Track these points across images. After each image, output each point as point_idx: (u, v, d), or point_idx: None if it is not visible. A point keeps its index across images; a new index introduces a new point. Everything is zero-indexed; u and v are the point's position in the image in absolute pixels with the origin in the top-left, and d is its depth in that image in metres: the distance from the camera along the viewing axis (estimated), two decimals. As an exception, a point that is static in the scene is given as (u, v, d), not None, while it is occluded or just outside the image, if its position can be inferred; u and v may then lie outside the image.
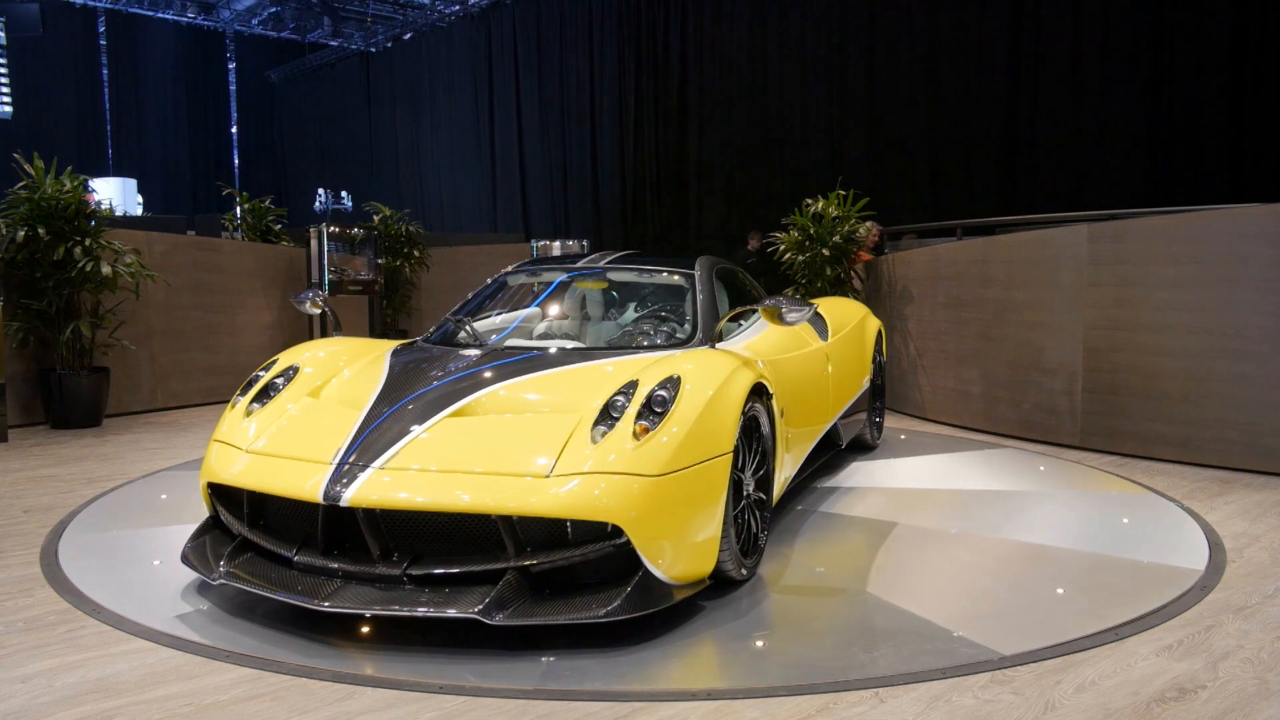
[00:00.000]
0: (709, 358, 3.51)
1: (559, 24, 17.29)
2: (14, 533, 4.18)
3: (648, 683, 2.70)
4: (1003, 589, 3.44)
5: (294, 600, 2.98)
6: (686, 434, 3.07)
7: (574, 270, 4.84)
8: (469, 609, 2.83)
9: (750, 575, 3.49)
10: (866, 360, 5.67)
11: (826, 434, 4.98)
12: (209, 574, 3.22)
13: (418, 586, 2.98)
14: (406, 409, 3.40)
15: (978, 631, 3.01)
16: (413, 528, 3.05)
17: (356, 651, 2.89)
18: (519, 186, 18.60)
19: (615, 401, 3.20)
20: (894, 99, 12.00)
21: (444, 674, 2.72)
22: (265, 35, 23.94)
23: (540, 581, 2.99)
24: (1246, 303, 5.20)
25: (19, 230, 6.56)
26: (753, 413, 3.53)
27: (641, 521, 2.91)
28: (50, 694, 2.62)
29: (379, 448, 3.17)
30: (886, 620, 3.14)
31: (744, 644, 2.97)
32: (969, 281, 6.77)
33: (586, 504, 2.88)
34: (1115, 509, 4.63)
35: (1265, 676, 2.73)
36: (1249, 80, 8.98)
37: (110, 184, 19.26)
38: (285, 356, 4.00)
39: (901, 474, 5.36)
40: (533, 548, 2.97)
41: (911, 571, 3.65)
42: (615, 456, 2.98)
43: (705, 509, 3.11)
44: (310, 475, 3.12)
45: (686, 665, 2.84)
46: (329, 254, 8.68)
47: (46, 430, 6.77)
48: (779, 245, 8.22)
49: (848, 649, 2.89)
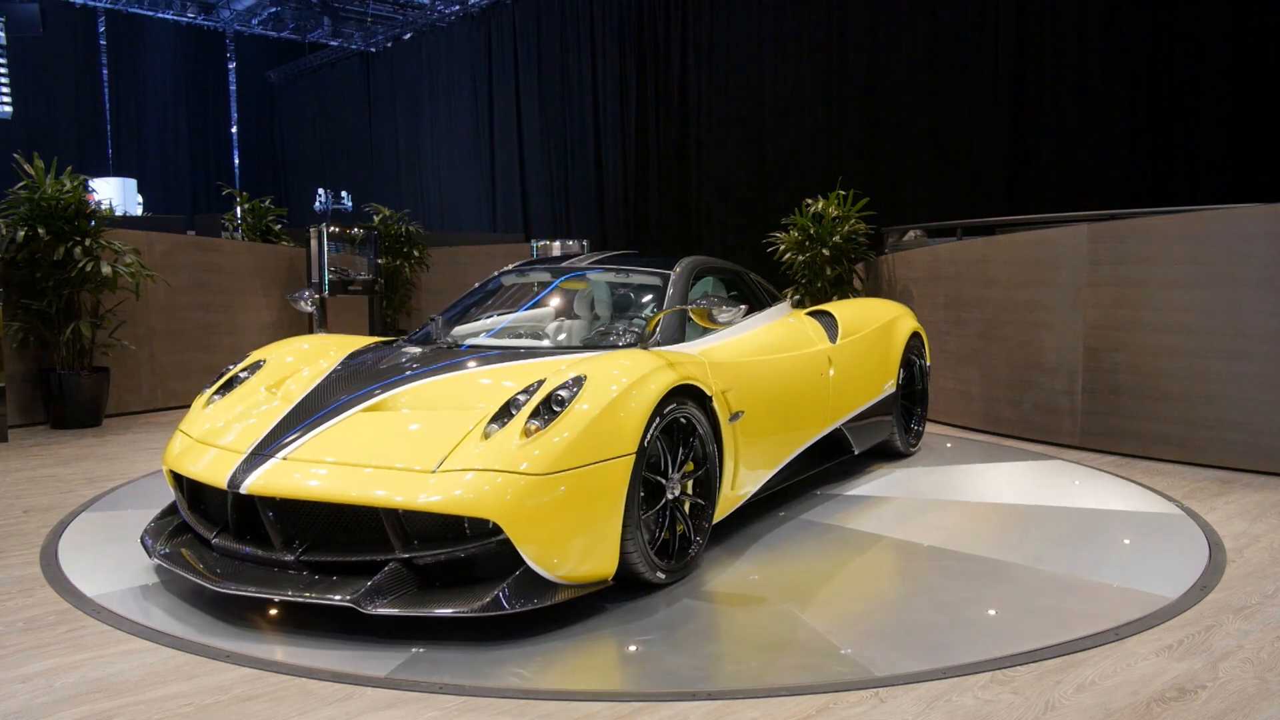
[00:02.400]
0: (625, 358, 3.46)
1: (559, 24, 17.29)
2: (14, 533, 4.18)
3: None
4: (932, 607, 3.26)
5: (196, 579, 3.17)
6: (579, 434, 3.07)
7: (560, 271, 4.88)
8: (345, 597, 2.94)
9: (673, 579, 3.46)
10: (891, 363, 5.47)
11: (834, 439, 4.90)
12: (150, 552, 3.47)
13: (313, 573, 3.09)
14: (329, 404, 3.57)
15: (863, 652, 2.87)
16: (311, 517, 3.16)
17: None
18: (519, 186, 18.59)
19: (517, 400, 3.25)
20: (894, 99, 12.00)
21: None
22: (265, 35, 23.92)
23: (430, 574, 3.05)
24: (1246, 303, 5.20)
25: (19, 230, 6.56)
26: (677, 415, 3.46)
27: (520, 519, 2.93)
28: (50, 694, 2.62)
29: (288, 439, 3.35)
30: (780, 632, 3.07)
31: (615, 646, 2.97)
32: (969, 281, 6.77)
33: (463, 500, 2.94)
34: (1117, 524, 4.62)
35: (1265, 676, 2.73)
36: (1249, 80, 8.98)
37: (110, 184, 19.24)
38: (259, 351, 4.23)
39: (924, 484, 5.10)
40: (420, 541, 3.04)
41: (848, 586, 3.54)
42: (501, 454, 3.03)
43: (599, 509, 3.10)
44: (224, 463, 3.32)
45: (543, 663, 2.82)
46: (329, 254, 8.68)
47: (46, 430, 6.77)
48: (779, 245, 8.22)
49: (718, 661, 2.84)
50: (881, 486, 5.02)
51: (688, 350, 3.93)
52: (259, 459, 3.27)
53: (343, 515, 3.12)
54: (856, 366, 5.09)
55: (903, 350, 5.58)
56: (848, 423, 4.98)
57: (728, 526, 4.15)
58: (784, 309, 5.15)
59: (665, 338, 4.05)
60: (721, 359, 3.97)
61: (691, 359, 3.75)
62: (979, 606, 3.29)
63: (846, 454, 5.10)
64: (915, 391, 5.86)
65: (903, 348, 5.58)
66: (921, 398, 5.92)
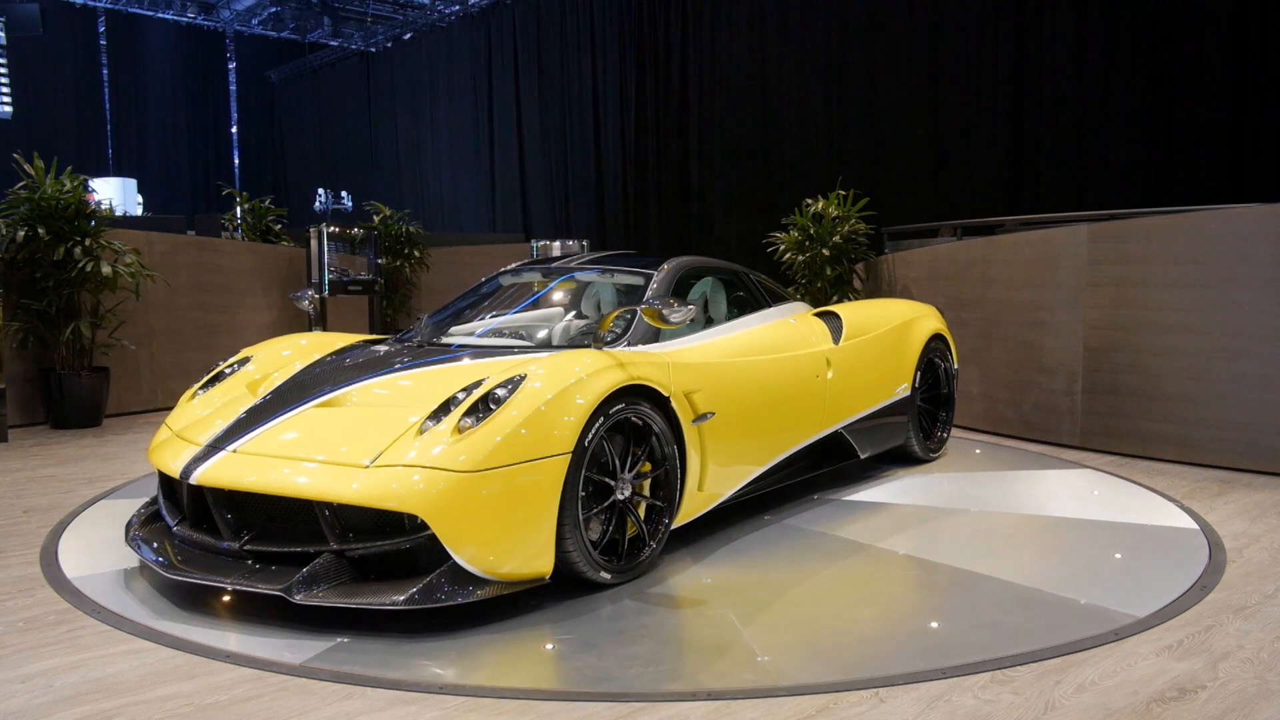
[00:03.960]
0: (571, 359, 3.47)
1: (559, 24, 17.29)
2: (14, 533, 4.18)
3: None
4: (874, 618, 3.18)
5: (154, 564, 3.33)
6: (510, 433, 3.10)
7: (551, 271, 4.92)
8: (276, 586, 3.02)
9: (622, 579, 3.46)
10: (905, 366, 5.33)
11: (835, 442, 4.85)
12: (126, 536, 3.64)
13: (256, 562, 3.21)
14: (289, 400, 3.70)
15: (778, 662, 2.82)
16: (257, 508, 3.28)
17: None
18: (519, 186, 18.58)
19: (456, 398, 3.30)
20: (894, 99, 11.99)
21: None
22: (265, 35, 23.92)
23: (368, 566, 3.12)
24: (1246, 303, 5.20)
25: (19, 230, 6.56)
26: (627, 415, 3.46)
27: (446, 514, 2.98)
28: (50, 694, 2.62)
29: (242, 433, 3.49)
30: (705, 636, 3.05)
31: (531, 643, 3.00)
32: (969, 281, 6.77)
33: (390, 494, 3.00)
34: (1113, 534, 4.61)
35: (1265, 676, 2.73)
36: (1249, 80, 8.98)
37: (110, 184, 19.22)
38: (250, 349, 4.36)
39: (933, 491, 4.93)
40: (355, 534, 3.13)
41: (801, 595, 3.42)
42: (432, 451, 3.08)
43: (530, 508, 3.12)
44: (185, 454, 3.48)
45: (457, 657, 2.86)
46: (329, 254, 8.68)
47: (46, 430, 6.77)
48: (779, 245, 8.22)
49: (627, 662, 2.82)
50: (887, 492, 4.91)
51: (659, 351, 3.92)
52: (213, 452, 3.43)
53: (284, 507, 3.22)
54: (862, 368, 5.00)
55: (920, 352, 5.42)
56: (850, 425, 4.90)
57: (702, 528, 4.12)
58: (789, 309, 5.09)
59: (637, 338, 4.02)
60: (692, 360, 3.93)
61: (651, 359, 3.73)
62: (922, 618, 3.22)
63: (851, 458, 5.01)
64: (940, 395, 5.72)
65: (920, 350, 5.43)
66: (947, 402, 5.76)
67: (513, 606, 3.24)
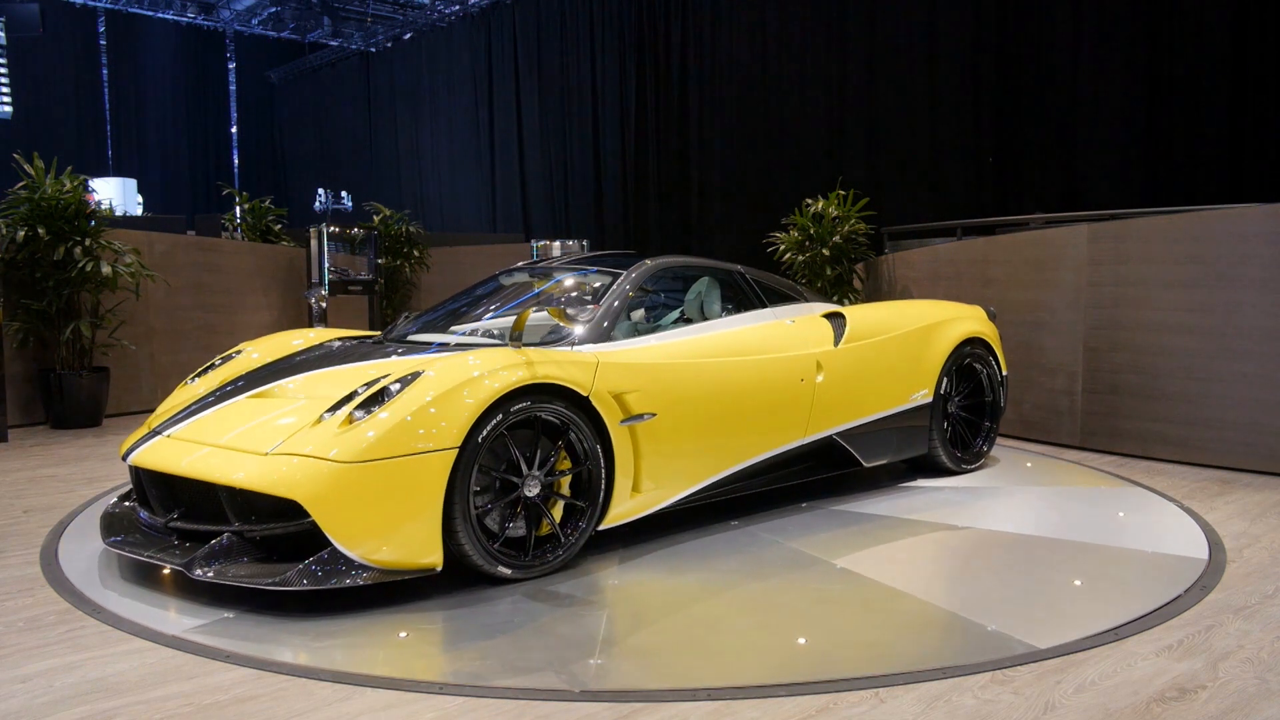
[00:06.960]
0: (476, 356, 3.52)
1: (559, 24, 17.29)
2: (14, 533, 4.18)
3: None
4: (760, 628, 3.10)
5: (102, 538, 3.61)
6: (393, 426, 3.21)
7: (536, 272, 5.00)
8: (179, 561, 3.27)
9: (525, 575, 3.48)
10: (925, 370, 5.02)
11: (835, 449, 4.68)
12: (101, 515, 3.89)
13: (184, 540, 3.44)
14: (233, 390, 3.91)
15: (620, 665, 2.83)
16: (188, 489, 3.46)
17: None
18: (519, 186, 18.58)
19: (357, 391, 3.42)
20: (894, 99, 12.00)
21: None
22: (265, 35, 23.91)
23: (271, 546, 3.29)
24: (1246, 303, 5.20)
25: (19, 230, 6.56)
26: (534, 413, 3.47)
27: (323, 502, 3.12)
28: (50, 694, 2.62)
29: (182, 418, 3.74)
30: (568, 634, 3.03)
31: (388, 631, 3.06)
32: (969, 281, 6.77)
33: (274, 482, 3.17)
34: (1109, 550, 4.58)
35: (1265, 676, 2.73)
36: (1249, 80, 8.98)
37: (110, 184, 19.23)
38: (246, 344, 4.56)
39: (940, 507, 4.58)
40: (256, 516, 3.30)
41: (705, 605, 3.33)
42: (319, 441, 3.24)
43: (413, 500, 3.22)
44: (135, 438, 3.75)
45: (328, 639, 2.97)
46: (329, 254, 8.68)
47: (46, 430, 6.77)
48: (779, 245, 8.22)
49: (485, 656, 2.85)
50: (886, 505, 4.62)
51: (595, 350, 3.89)
52: (152, 436, 3.70)
53: (205, 489, 3.39)
54: (865, 372, 4.77)
55: (947, 357, 5.10)
56: (848, 431, 4.68)
57: (651, 531, 4.07)
58: (791, 310, 4.87)
59: (588, 336, 4.02)
60: (630, 360, 3.89)
61: (573, 359, 3.70)
62: (795, 633, 3.08)
63: (853, 466, 4.78)
64: (984, 404, 5.38)
65: (947, 354, 5.10)
66: (991, 410, 5.39)
67: (402, 592, 3.36)
